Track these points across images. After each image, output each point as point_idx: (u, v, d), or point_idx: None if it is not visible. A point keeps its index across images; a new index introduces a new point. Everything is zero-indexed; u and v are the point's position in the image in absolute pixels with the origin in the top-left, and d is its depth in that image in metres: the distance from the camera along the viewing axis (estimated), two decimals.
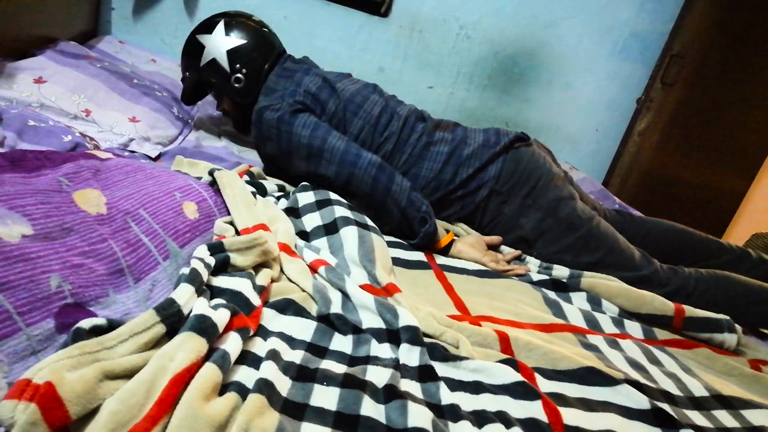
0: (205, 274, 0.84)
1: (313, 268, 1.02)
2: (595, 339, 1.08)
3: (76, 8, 2.11)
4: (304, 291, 0.96)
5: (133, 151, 1.41)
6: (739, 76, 2.59)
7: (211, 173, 1.15)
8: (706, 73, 2.58)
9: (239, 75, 1.50)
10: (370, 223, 1.19)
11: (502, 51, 2.60)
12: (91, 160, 1.00)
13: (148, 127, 1.48)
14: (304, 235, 1.16)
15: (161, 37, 2.42)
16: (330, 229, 1.14)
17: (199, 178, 1.17)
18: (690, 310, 1.18)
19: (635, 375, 0.95)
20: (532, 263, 1.33)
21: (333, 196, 1.23)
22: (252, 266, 0.94)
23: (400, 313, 0.89)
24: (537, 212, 1.37)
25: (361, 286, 0.98)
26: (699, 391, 1.00)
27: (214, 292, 0.87)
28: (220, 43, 1.49)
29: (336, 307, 0.92)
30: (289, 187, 1.37)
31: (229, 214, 1.10)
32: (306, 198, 1.21)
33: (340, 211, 1.16)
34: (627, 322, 1.18)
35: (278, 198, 1.28)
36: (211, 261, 0.88)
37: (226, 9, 2.41)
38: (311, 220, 1.16)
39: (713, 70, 2.58)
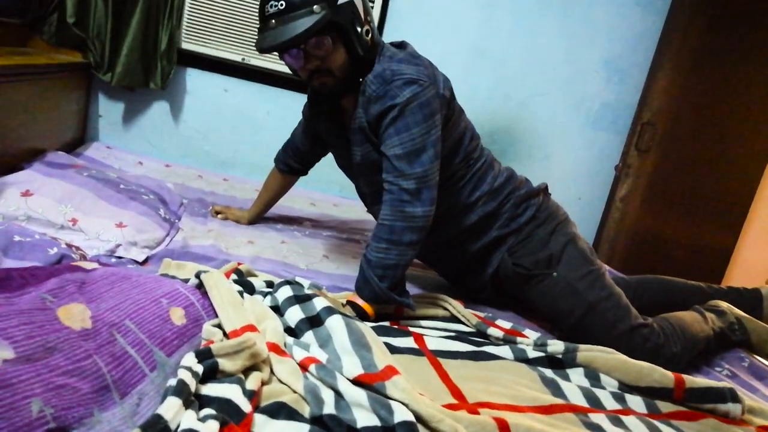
0: (192, 384, 0.82)
1: (303, 367, 1.00)
2: (597, 417, 1.06)
3: (64, 119, 2.17)
4: (295, 392, 0.94)
5: (120, 257, 1.41)
6: (711, 137, 2.68)
7: (197, 275, 1.15)
8: (679, 136, 2.67)
9: (368, 27, 1.35)
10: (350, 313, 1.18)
11: (479, 131, 2.68)
12: (76, 272, 1.01)
13: (135, 232, 1.49)
14: (291, 331, 1.15)
15: (147, 139, 2.49)
16: (314, 321, 1.12)
17: (186, 281, 1.17)
18: (690, 381, 1.16)
19: None
20: (525, 343, 1.32)
21: (309, 291, 1.23)
22: (241, 370, 0.93)
23: (394, 409, 0.87)
24: (563, 237, 1.54)
25: (356, 377, 0.96)
26: None
27: (202, 401, 0.84)
28: None
29: (329, 408, 0.89)
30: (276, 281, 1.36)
31: (217, 316, 1.09)
32: (284, 293, 1.21)
33: (321, 303, 1.15)
34: (628, 397, 1.15)
35: (265, 294, 1.27)
36: (199, 369, 0.87)
37: (212, 109, 2.50)
38: (293, 315, 1.15)
39: (685, 132, 2.67)
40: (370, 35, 1.35)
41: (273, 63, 2.46)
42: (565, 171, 2.82)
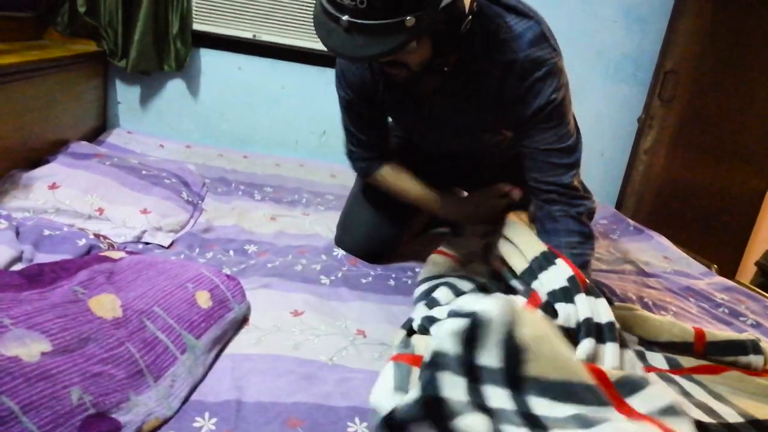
0: None
1: None
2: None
3: (84, 108, 2.21)
4: None
5: (147, 243, 1.46)
6: (736, 82, 2.59)
7: None
8: (703, 83, 2.59)
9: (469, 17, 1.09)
10: None
11: None
12: (104, 263, 1.05)
13: (160, 217, 1.53)
14: None
15: (167, 122, 2.52)
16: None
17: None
18: (711, 334, 1.16)
19: None
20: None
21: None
22: None
23: None
24: None
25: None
26: (733, 417, 0.98)
27: None
28: None
29: None
30: None
31: (242, 298, 1.13)
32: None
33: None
34: (649, 354, 1.16)
35: None
36: None
37: (227, 87, 2.52)
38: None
39: (709, 79, 2.59)
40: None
41: (284, 38, 2.45)
42: (587, 126, 2.72)
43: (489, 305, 0.85)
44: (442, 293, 1.18)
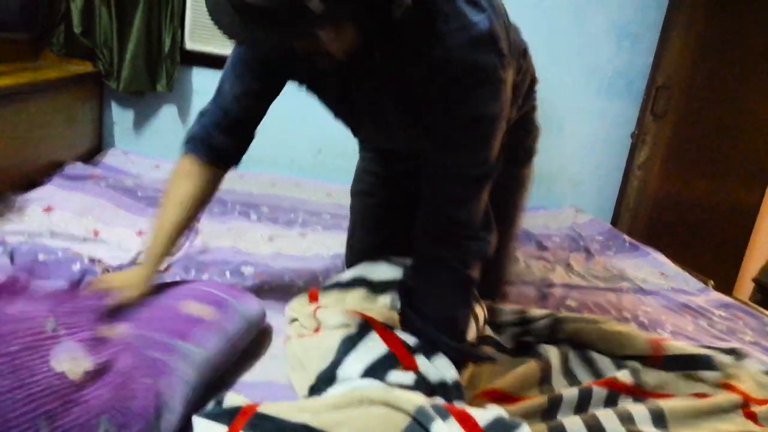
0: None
1: None
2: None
3: (80, 129, 2.22)
4: None
5: None
6: (729, 96, 2.62)
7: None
8: (695, 97, 2.61)
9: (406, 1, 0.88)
10: None
11: None
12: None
13: None
14: None
15: (162, 141, 2.52)
16: None
17: None
18: (669, 347, 1.18)
19: None
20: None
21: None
22: None
23: None
24: None
25: None
26: None
27: None
28: None
29: None
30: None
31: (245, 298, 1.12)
32: None
33: None
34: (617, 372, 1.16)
35: None
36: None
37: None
38: None
39: (701, 93, 2.61)
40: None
41: None
42: (581, 142, 2.78)
43: None
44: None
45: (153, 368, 0.87)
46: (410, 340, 1.02)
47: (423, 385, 0.93)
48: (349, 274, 1.26)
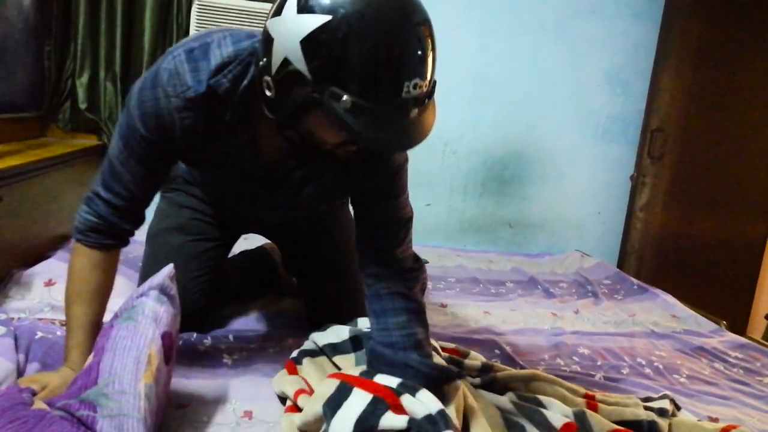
0: None
1: None
2: None
3: None
4: None
5: None
6: (724, 133, 2.65)
7: None
8: (691, 137, 2.65)
9: None
10: None
11: (490, 158, 2.70)
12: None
13: None
14: None
15: None
16: None
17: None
18: (601, 411, 1.11)
19: None
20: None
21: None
22: None
23: None
24: None
25: None
26: None
27: None
28: None
29: None
30: None
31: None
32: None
33: None
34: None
35: None
36: None
37: None
38: None
39: (697, 133, 2.65)
40: None
41: None
42: (581, 187, 2.80)
43: None
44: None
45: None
46: (390, 382, 1.01)
47: (415, 424, 0.92)
48: (311, 343, 1.26)
